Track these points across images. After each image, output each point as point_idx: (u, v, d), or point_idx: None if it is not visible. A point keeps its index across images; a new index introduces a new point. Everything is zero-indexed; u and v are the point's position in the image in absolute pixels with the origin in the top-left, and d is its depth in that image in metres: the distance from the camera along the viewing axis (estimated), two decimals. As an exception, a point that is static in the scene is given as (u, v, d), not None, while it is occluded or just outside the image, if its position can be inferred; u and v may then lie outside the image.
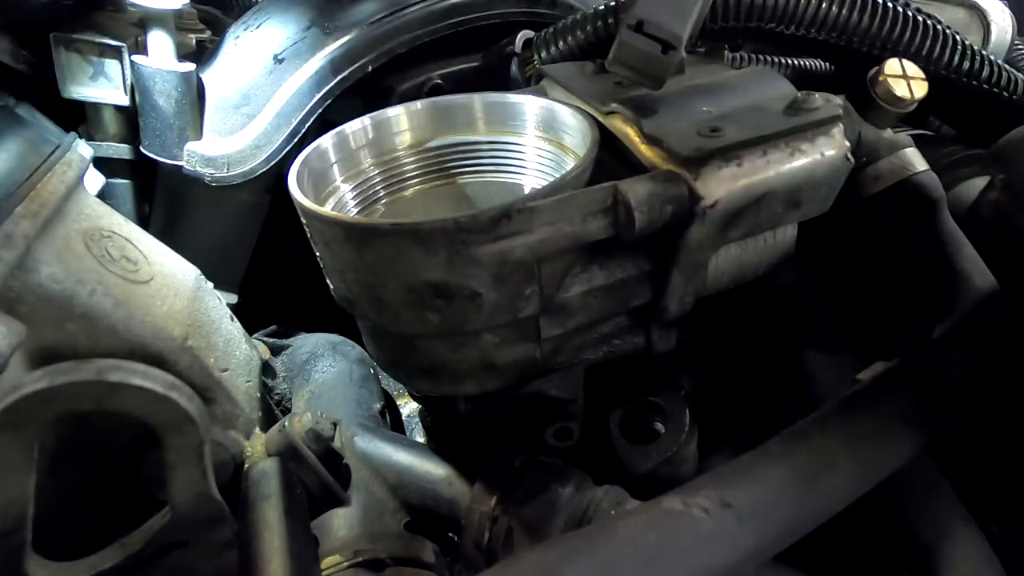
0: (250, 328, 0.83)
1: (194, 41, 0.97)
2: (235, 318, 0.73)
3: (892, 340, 0.63)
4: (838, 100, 0.62)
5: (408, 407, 1.17)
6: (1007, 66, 0.76)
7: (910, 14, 0.72)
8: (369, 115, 0.66)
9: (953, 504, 0.56)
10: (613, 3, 0.75)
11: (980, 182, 0.73)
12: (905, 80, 0.69)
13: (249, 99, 0.90)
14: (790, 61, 0.85)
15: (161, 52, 0.87)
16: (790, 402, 0.74)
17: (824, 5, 0.70)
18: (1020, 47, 1.05)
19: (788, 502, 0.47)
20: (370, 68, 0.88)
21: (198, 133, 0.89)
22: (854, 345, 0.69)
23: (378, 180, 0.67)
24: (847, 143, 0.59)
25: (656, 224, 0.53)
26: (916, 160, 0.71)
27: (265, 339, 0.91)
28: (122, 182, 0.95)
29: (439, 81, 0.93)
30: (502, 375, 0.60)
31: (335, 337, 0.91)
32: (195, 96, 0.89)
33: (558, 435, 0.64)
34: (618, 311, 0.62)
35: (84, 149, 0.61)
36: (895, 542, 0.57)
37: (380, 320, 0.57)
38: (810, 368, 0.69)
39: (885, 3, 0.71)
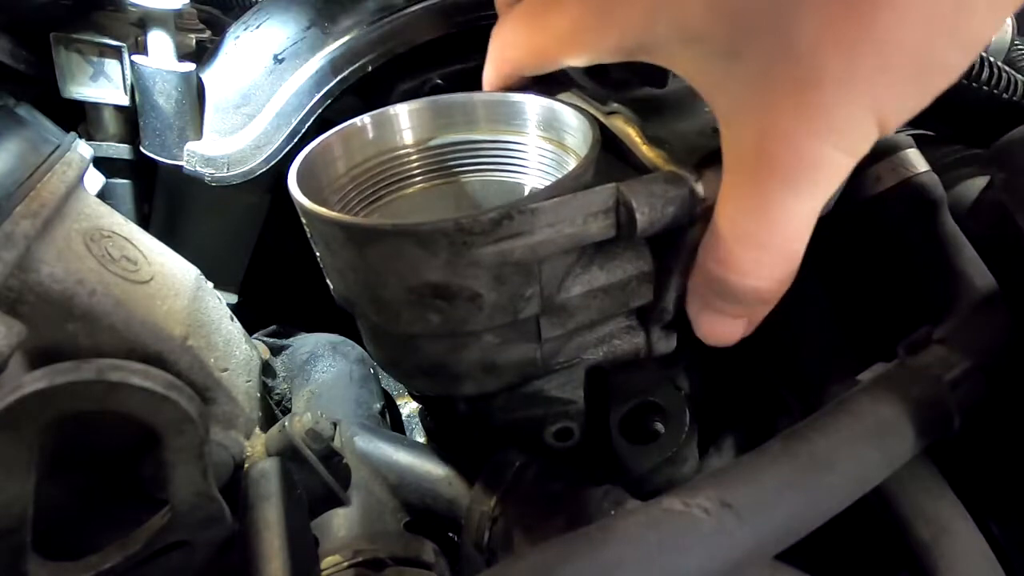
0: (250, 328, 0.82)
1: (194, 41, 0.97)
2: (235, 318, 0.73)
3: (892, 340, 0.63)
4: (838, 100, 0.62)
5: (408, 407, 1.17)
6: (1007, 67, 0.76)
7: (910, 14, 0.72)
8: (369, 114, 0.66)
9: (953, 504, 0.56)
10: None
11: (980, 182, 0.73)
12: (905, 80, 0.69)
13: (249, 99, 0.90)
14: (790, 61, 0.85)
15: (161, 52, 0.87)
16: (790, 402, 0.74)
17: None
18: (1020, 47, 1.05)
19: (788, 502, 0.47)
20: (370, 68, 0.88)
21: (198, 133, 0.89)
22: (854, 345, 0.69)
23: (378, 180, 0.67)
24: (847, 143, 0.59)
25: (657, 225, 0.53)
26: (917, 161, 0.71)
27: (265, 339, 0.91)
28: (122, 182, 0.95)
29: (439, 81, 0.93)
30: (502, 375, 0.60)
31: (335, 337, 0.91)
32: (195, 96, 0.89)
33: (558, 435, 0.64)
34: (619, 312, 0.62)
35: (84, 149, 0.61)
36: (895, 542, 0.57)
37: (380, 320, 0.57)
38: (810, 368, 0.69)
39: (885, 3, 0.71)
